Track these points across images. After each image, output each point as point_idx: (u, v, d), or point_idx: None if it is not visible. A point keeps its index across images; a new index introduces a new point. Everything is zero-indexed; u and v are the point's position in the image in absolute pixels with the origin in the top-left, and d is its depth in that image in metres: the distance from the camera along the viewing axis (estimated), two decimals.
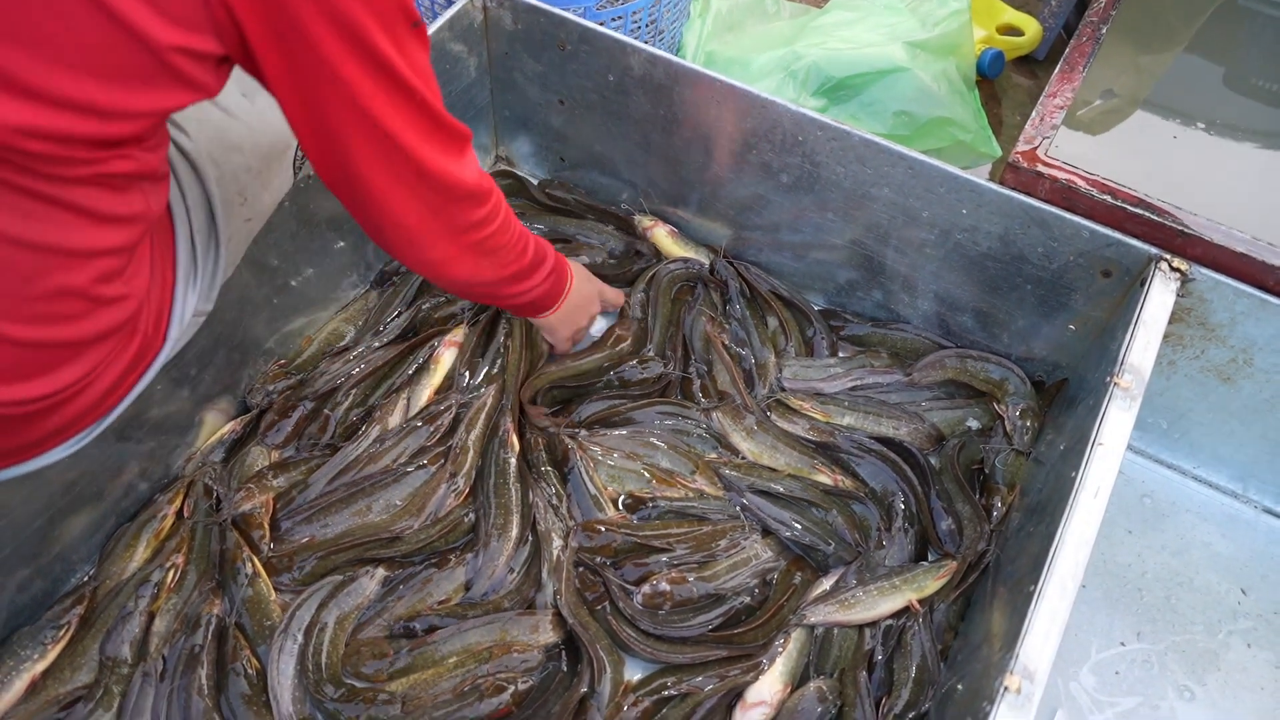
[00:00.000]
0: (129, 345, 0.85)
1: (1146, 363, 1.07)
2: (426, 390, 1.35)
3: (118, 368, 0.85)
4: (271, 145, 1.08)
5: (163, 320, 0.91)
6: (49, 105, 0.61)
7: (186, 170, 0.94)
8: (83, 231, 0.71)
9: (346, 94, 0.74)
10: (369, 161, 0.81)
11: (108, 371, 0.83)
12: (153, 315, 0.88)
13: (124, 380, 0.88)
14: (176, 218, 0.92)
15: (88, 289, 0.74)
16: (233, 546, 1.18)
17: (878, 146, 1.26)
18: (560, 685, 1.12)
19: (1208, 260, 1.17)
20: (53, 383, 0.77)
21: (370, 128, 0.78)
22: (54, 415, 0.81)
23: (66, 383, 0.78)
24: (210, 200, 0.96)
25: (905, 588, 1.17)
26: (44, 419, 0.81)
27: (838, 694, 1.12)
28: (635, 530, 1.22)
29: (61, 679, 1.09)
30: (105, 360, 0.82)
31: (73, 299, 0.74)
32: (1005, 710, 0.84)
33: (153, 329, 0.89)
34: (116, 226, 0.74)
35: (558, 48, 1.44)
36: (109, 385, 0.85)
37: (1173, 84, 1.53)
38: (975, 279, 1.34)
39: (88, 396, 0.83)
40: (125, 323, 0.82)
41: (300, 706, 1.08)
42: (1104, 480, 0.98)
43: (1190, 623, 1.26)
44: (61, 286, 0.72)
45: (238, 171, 1.02)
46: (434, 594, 1.17)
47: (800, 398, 1.36)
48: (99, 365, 0.81)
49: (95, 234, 0.72)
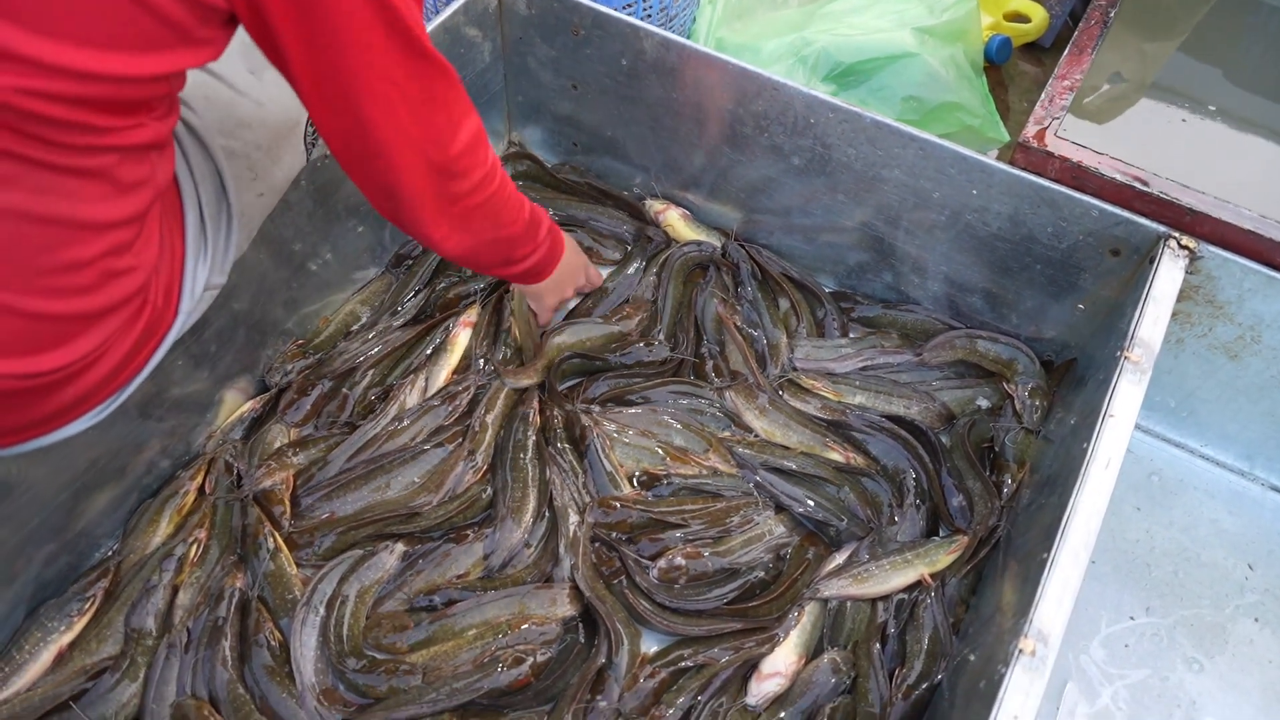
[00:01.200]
0: (140, 317, 0.86)
1: (1156, 337, 1.08)
2: (444, 370, 1.37)
3: (129, 339, 0.86)
4: (280, 122, 1.09)
5: (173, 292, 0.92)
6: (58, 72, 0.62)
7: (194, 144, 0.96)
8: (95, 205, 0.72)
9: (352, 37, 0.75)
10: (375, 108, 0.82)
11: (120, 343, 0.85)
12: (162, 287, 0.89)
13: (138, 353, 0.89)
14: (184, 191, 0.93)
15: (99, 261, 0.75)
16: (254, 522, 1.20)
17: (889, 128, 1.28)
18: (578, 657, 1.14)
19: (1215, 238, 1.18)
20: (66, 355, 0.78)
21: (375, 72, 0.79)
22: (69, 387, 0.82)
23: (80, 355, 0.79)
24: (220, 173, 0.98)
25: (917, 562, 1.19)
26: (59, 391, 0.82)
27: (851, 665, 1.14)
28: (650, 507, 1.24)
29: (88, 650, 1.11)
30: (117, 332, 0.83)
31: (85, 271, 0.75)
32: (1019, 672, 0.86)
33: (163, 301, 0.90)
34: (127, 198, 0.75)
35: (571, 32, 1.45)
36: (122, 357, 0.86)
37: (1179, 69, 1.54)
38: (985, 260, 1.35)
39: (101, 368, 0.84)
40: (135, 294, 0.83)
41: (323, 677, 1.10)
42: (1115, 451, 1.00)
43: (1198, 598, 1.27)
44: (74, 260, 0.73)
45: (247, 148, 1.04)
46: (453, 568, 1.19)
47: (812, 377, 1.38)
48: (111, 337, 0.82)
49: (107, 207, 0.73)
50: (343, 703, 1.09)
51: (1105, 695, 1.19)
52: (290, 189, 1.22)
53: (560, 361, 1.37)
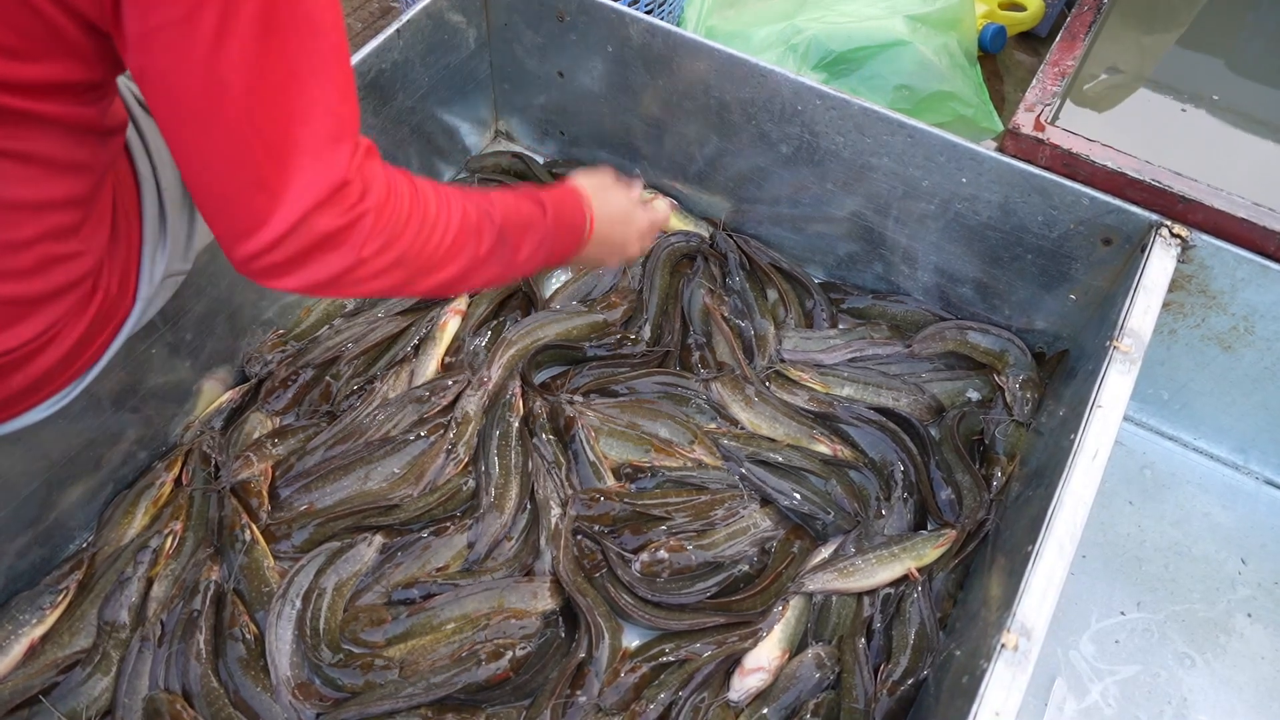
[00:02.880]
0: (90, 303, 0.84)
1: (1146, 327, 1.06)
2: (433, 360, 1.35)
3: (80, 326, 0.84)
4: None
5: (129, 280, 0.90)
6: None
7: (153, 129, 0.93)
8: (21, 186, 0.70)
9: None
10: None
11: (70, 329, 0.83)
12: (117, 274, 0.87)
13: (92, 340, 0.87)
14: (142, 176, 0.91)
15: (37, 244, 0.73)
16: (231, 514, 1.18)
17: (877, 115, 1.26)
18: (558, 651, 1.12)
19: (1209, 227, 1.16)
20: (8, 340, 0.76)
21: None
22: (17, 373, 0.80)
23: (24, 339, 0.77)
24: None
25: (904, 556, 1.17)
26: (9, 376, 0.80)
27: (836, 660, 1.12)
28: (634, 499, 1.22)
29: (60, 643, 1.10)
30: (65, 317, 0.81)
31: (21, 254, 0.72)
32: (1002, 667, 0.84)
33: (117, 288, 0.88)
34: (61, 180, 0.72)
35: (556, 19, 1.43)
36: (74, 344, 0.84)
37: (1175, 59, 1.52)
38: (975, 250, 1.33)
39: (51, 354, 0.82)
40: (82, 279, 0.81)
41: (298, 671, 1.09)
42: (1103, 443, 0.98)
43: (1190, 592, 1.25)
44: (6, 241, 0.71)
45: None
46: (433, 561, 1.17)
47: (800, 368, 1.36)
48: (58, 322, 0.80)
49: (36, 188, 0.71)
50: (318, 697, 1.07)
51: (1095, 691, 1.17)
52: None
53: (535, 352, 1.36)
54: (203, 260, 1.13)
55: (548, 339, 1.37)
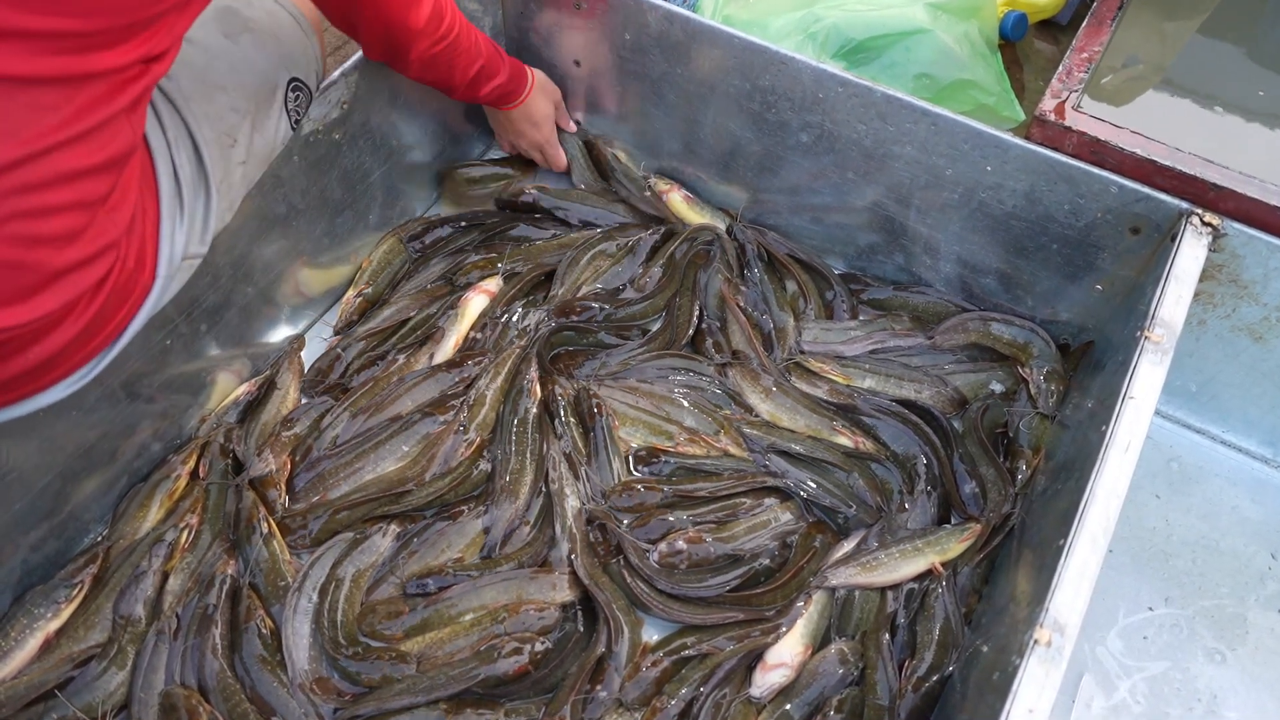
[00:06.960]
0: (107, 278, 0.83)
1: (1178, 317, 1.04)
2: (454, 337, 1.34)
3: (97, 300, 0.83)
4: (258, 87, 1.07)
5: (146, 257, 0.89)
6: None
7: (167, 108, 0.93)
8: (79, 155, 0.70)
9: None
10: None
11: (87, 303, 0.82)
12: (134, 250, 0.86)
13: (109, 316, 0.86)
14: (157, 155, 0.90)
15: (67, 210, 0.73)
16: (249, 506, 1.17)
17: (900, 102, 1.24)
18: (577, 646, 1.11)
19: (1241, 215, 1.13)
20: (32, 309, 0.75)
21: None
22: (35, 346, 0.80)
23: (47, 310, 0.76)
24: (194, 139, 0.95)
25: (928, 550, 1.15)
26: (25, 350, 0.79)
27: (859, 656, 1.10)
28: (673, 483, 1.22)
29: (75, 637, 1.09)
30: (86, 291, 0.80)
31: (51, 219, 0.72)
32: (1034, 664, 0.82)
33: (134, 264, 0.87)
34: (104, 144, 0.73)
35: (573, 6, 1.42)
36: (91, 319, 0.83)
37: (1200, 47, 1.49)
38: (999, 240, 1.31)
39: (68, 329, 0.81)
40: (104, 251, 0.80)
41: (316, 665, 1.07)
42: (1135, 435, 0.95)
43: (1218, 587, 1.23)
44: (43, 206, 0.71)
45: (223, 111, 1.01)
46: (448, 549, 1.16)
47: (820, 360, 1.34)
48: (79, 295, 0.79)
49: (85, 155, 0.71)
50: (335, 692, 1.06)
51: (1123, 688, 1.15)
52: (282, 164, 1.19)
53: (550, 333, 1.35)
54: (218, 250, 1.13)
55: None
